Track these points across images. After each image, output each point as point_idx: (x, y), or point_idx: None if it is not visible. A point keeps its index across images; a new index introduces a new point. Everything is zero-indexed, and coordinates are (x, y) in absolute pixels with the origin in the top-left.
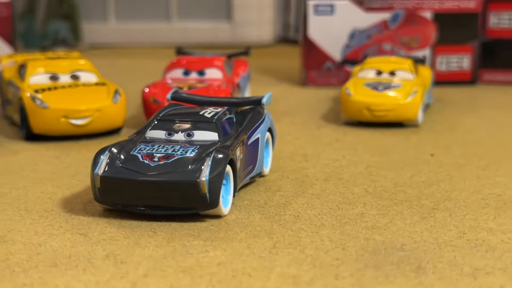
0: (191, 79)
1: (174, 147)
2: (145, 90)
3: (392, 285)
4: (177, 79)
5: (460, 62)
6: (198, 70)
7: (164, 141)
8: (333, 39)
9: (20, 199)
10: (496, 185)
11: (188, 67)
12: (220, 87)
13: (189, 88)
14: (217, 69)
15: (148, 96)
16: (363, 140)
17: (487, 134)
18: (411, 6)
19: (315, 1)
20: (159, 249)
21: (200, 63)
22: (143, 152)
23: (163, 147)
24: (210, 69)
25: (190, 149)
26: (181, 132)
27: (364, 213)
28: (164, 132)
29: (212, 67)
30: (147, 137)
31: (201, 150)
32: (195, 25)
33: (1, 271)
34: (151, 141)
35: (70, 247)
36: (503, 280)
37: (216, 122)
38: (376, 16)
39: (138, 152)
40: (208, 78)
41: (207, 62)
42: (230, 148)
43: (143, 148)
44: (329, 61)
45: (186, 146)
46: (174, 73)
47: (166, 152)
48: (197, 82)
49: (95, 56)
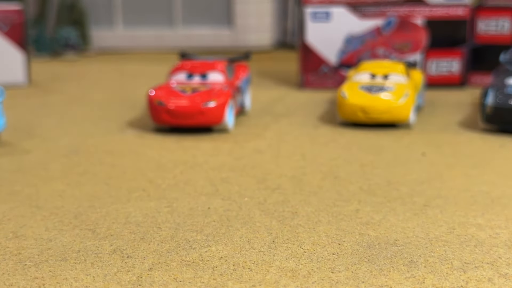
0: (194, 82)
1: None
2: (151, 93)
3: (385, 278)
4: (181, 82)
5: (449, 66)
6: (201, 74)
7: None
8: (329, 44)
9: (32, 196)
10: (484, 183)
11: (191, 70)
12: (221, 90)
13: (193, 91)
14: (219, 73)
15: (154, 99)
16: (358, 140)
17: (476, 134)
18: (403, 13)
19: (312, 8)
20: (163, 244)
21: (203, 67)
22: None
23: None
24: (212, 72)
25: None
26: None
27: (359, 210)
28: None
29: (214, 71)
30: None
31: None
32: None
33: (13, 265)
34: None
35: (79, 242)
36: (491, 273)
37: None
38: (370, 23)
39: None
40: (211, 81)
41: (210, 66)
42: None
43: None
44: (325, 65)
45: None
46: (178, 76)
47: None
48: (200, 85)
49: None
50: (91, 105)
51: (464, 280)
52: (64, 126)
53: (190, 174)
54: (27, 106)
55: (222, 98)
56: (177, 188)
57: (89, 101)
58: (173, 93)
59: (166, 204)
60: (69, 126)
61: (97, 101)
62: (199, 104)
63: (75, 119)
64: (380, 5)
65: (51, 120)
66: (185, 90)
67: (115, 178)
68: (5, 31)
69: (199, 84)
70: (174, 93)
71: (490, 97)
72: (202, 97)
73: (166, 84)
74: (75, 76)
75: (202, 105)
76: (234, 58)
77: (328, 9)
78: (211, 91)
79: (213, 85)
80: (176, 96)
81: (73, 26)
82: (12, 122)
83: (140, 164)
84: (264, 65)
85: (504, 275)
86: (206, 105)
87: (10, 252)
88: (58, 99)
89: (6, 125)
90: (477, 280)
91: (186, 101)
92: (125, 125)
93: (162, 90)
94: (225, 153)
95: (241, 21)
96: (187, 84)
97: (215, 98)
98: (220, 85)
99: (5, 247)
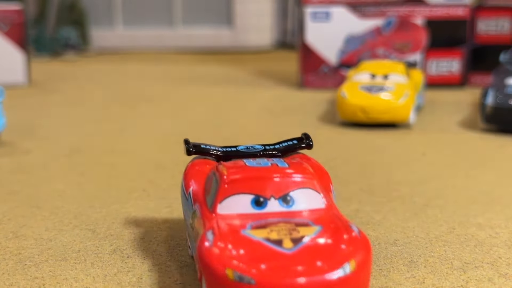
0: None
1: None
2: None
3: (385, 279)
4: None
5: (449, 66)
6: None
7: None
8: (329, 44)
9: (32, 196)
10: (484, 183)
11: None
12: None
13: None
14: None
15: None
16: (357, 140)
17: (476, 134)
18: (403, 13)
19: (312, 8)
20: (163, 244)
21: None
22: None
23: None
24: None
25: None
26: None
27: (359, 210)
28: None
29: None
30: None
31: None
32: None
33: (14, 265)
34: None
35: (79, 242)
36: (491, 273)
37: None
38: (370, 23)
39: None
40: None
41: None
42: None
43: None
44: (325, 65)
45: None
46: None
47: None
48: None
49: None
50: (91, 105)
51: (464, 280)
52: (64, 126)
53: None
54: (27, 106)
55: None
56: (177, 188)
57: (89, 101)
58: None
59: (166, 204)
60: (69, 126)
61: (97, 101)
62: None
63: (75, 119)
64: (380, 5)
65: (51, 120)
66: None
67: (115, 178)
68: (5, 31)
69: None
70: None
71: (490, 97)
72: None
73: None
74: (75, 76)
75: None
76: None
77: (328, 9)
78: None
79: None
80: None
81: (73, 26)
82: (12, 122)
83: (140, 164)
84: (264, 65)
85: (504, 275)
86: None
87: (10, 252)
88: (58, 99)
89: (6, 125)
90: (477, 280)
91: None
92: (126, 125)
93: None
94: None
95: (241, 21)
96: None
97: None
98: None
99: (5, 247)
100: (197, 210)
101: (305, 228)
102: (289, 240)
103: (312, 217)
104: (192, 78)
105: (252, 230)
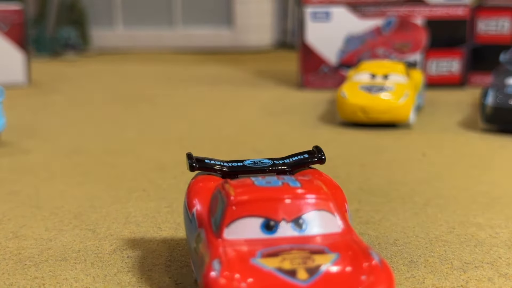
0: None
1: None
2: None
3: None
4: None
5: (449, 66)
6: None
7: None
8: (329, 44)
9: (32, 196)
10: (484, 183)
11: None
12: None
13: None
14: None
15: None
16: (358, 140)
17: (476, 134)
18: (403, 13)
19: (312, 8)
20: (163, 244)
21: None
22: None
23: None
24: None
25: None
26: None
27: (359, 209)
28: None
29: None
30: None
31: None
32: (198, 31)
33: (14, 265)
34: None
35: (79, 242)
36: (491, 273)
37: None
38: (370, 23)
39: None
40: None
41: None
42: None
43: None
44: (325, 65)
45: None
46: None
47: None
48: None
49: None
50: (91, 104)
51: (464, 280)
52: (64, 126)
53: (190, 174)
54: (27, 106)
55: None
56: (177, 188)
57: (89, 101)
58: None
59: (166, 204)
60: (69, 126)
61: (97, 100)
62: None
63: (75, 119)
64: (380, 5)
65: (51, 120)
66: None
67: (115, 178)
68: (5, 31)
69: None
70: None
71: (490, 97)
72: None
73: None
74: (75, 76)
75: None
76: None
77: (328, 9)
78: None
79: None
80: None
81: (73, 26)
82: (12, 122)
83: (140, 164)
84: (264, 65)
85: (504, 275)
86: None
87: (10, 252)
88: (58, 99)
89: (6, 125)
90: (477, 280)
91: None
92: (126, 125)
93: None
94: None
95: (241, 21)
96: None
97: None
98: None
99: (5, 247)
100: (202, 233)
101: (321, 256)
102: (303, 270)
103: (328, 242)
104: (192, 78)
105: (263, 259)
